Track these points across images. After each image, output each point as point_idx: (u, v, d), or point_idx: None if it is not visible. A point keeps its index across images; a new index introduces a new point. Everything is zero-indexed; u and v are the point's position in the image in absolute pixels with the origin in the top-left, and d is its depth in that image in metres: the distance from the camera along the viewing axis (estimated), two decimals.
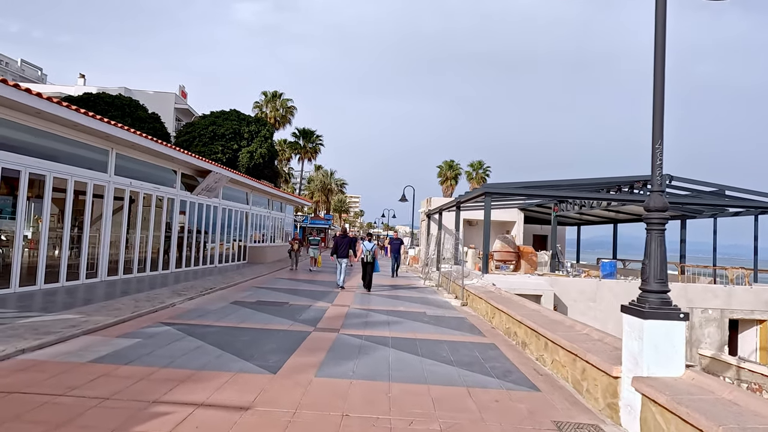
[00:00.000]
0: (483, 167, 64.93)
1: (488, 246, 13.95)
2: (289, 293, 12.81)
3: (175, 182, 15.72)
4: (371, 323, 9.12)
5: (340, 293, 13.33)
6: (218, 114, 35.74)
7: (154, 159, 14.22)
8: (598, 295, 13.48)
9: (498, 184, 13.50)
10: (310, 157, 59.99)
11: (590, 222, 27.13)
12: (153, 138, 12.80)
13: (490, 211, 13.78)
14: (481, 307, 10.84)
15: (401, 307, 11.44)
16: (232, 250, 21.14)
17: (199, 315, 8.92)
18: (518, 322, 7.74)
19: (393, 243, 21.98)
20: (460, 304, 12.37)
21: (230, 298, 11.21)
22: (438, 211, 22.84)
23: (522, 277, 13.83)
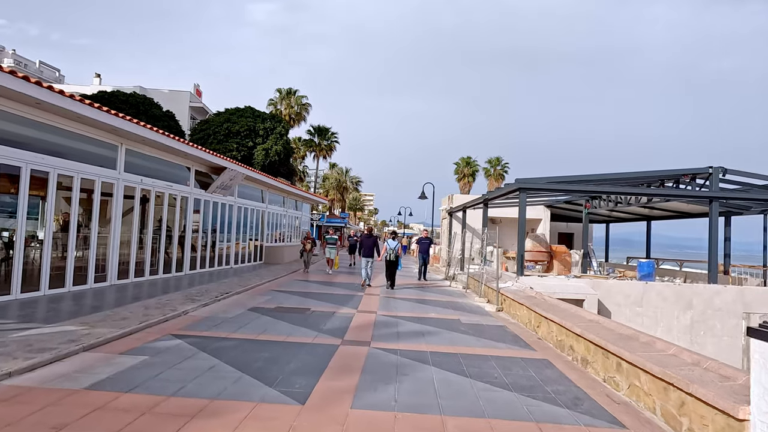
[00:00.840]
0: (501, 164, 63.54)
1: (523, 246, 12.91)
2: (310, 297, 11.94)
3: (188, 180, 14.95)
4: (404, 334, 8.18)
5: (364, 297, 12.43)
6: (233, 111, 35.12)
7: (166, 155, 13.46)
8: (644, 299, 12.37)
9: (533, 179, 12.48)
10: (325, 154, 59.24)
11: (621, 219, 25.84)
12: (165, 132, 12.01)
13: (525, 209, 12.73)
14: (521, 314, 9.83)
15: (432, 314, 10.49)
16: (248, 250, 20.37)
17: (213, 325, 8.06)
18: (576, 335, 6.74)
19: (422, 242, 18.83)
20: (495, 310, 11.38)
21: (247, 304, 10.36)
22: (462, 208, 21.80)
23: (560, 280, 12.77)
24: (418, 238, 19.27)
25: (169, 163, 13.80)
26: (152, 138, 11.57)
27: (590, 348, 6.33)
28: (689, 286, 12.63)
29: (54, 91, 8.36)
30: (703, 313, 12.18)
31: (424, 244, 18.56)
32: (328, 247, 18.51)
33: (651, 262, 18.13)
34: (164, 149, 12.92)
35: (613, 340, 5.83)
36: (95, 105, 9.46)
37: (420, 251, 18.49)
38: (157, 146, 12.51)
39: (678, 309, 12.21)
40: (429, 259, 18.69)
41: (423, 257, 18.27)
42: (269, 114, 35.84)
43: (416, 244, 18.94)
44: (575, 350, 6.84)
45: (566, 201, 21.81)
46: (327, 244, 18.60)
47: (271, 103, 51.97)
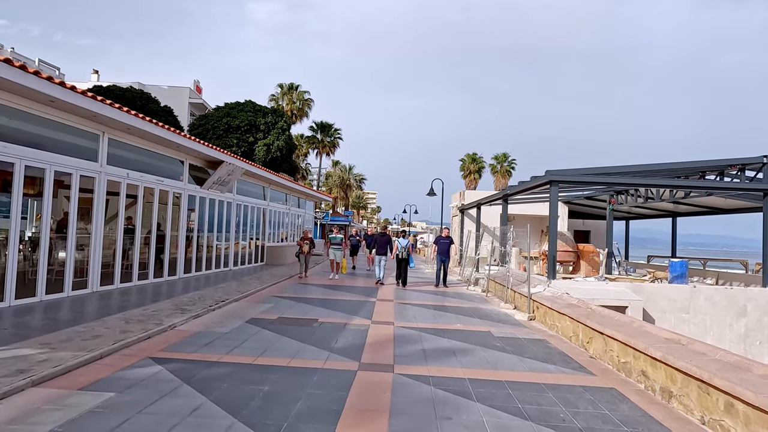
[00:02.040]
0: (508, 160, 62.23)
1: (555, 246, 11.56)
2: (317, 305, 10.62)
3: (182, 175, 13.63)
4: (431, 353, 6.85)
5: (377, 305, 11.10)
6: (233, 105, 33.80)
7: (156, 147, 12.14)
8: (692, 304, 11.03)
9: (565, 171, 11.14)
10: (328, 151, 57.95)
11: (642, 216, 24.46)
12: (153, 120, 10.69)
13: (557, 204, 11.40)
14: (562, 325, 8.49)
15: (458, 324, 9.15)
16: (249, 251, 19.05)
17: (204, 343, 6.74)
18: (654, 359, 5.39)
19: (440, 242, 15.40)
20: (526, 319, 10.04)
21: (246, 314, 9.04)
22: (476, 205, 20.47)
23: (598, 284, 11.43)
24: (437, 238, 15.90)
25: (160, 155, 12.48)
26: (138, 126, 10.24)
27: (675, 377, 4.99)
28: (742, 290, 11.27)
29: (14, 66, 7.04)
30: (759, 320, 10.82)
31: (443, 245, 15.35)
32: (332, 249, 15.78)
33: (684, 262, 16.74)
34: (153, 140, 11.60)
35: (715, 371, 4.49)
36: (67, 85, 8.14)
37: (438, 252, 15.35)
38: (145, 136, 11.20)
39: (730, 316, 10.87)
40: (449, 262, 15.63)
41: (442, 260, 15.28)
42: (270, 108, 34.53)
43: (433, 244, 16.00)
44: (650, 378, 5.49)
45: (587, 196, 20.45)
46: (331, 244, 15.92)
47: (272, 99, 50.63)
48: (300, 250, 15.52)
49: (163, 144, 12.12)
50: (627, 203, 18.34)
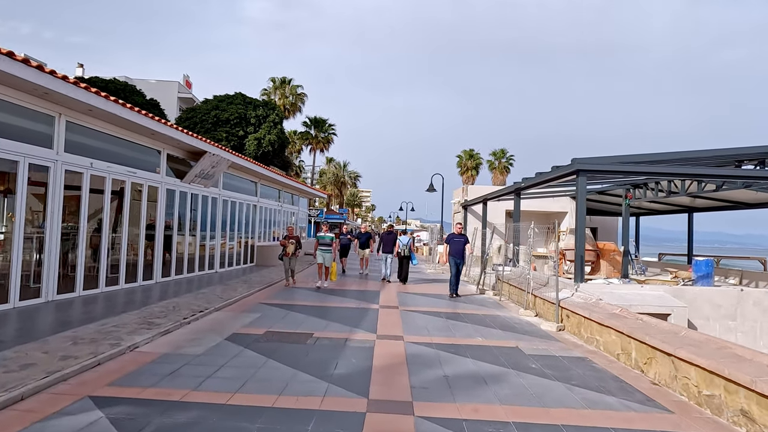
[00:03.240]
0: (506, 156, 60.94)
1: (582, 244, 10.18)
2: (312, 315, 9.18)
3: (158, 166, 12.13)
4: (457, 380, 5.43)
5: (381, 314, 9.67)
6: (222, 98, 32.21)
7: (126, 133, 10.64)
8: (739, 310, 9.71)
9: (594, 159, 9.75)
10: (322, 147, 56.34)
11: (656, 212, 23.18)
12: (120, 101, 9.19)
13: (584, 197, 10.02)
14: (605, 339, 7.10)
15: (478, 338, 7.75)
16: (237, 251, 17.55)
17: (168, 372, 5.29)
18: (764, 396, 4.02)
19: (453, 241, 12.67)
20: (555, 329, 8.65)
21: (227, 329, 7.58)
22: (482, 200, 19.10)
23: (632, 287, 10.07)
24: (448, 236, 13.14)
25: (132, 144, 10.98)
26: (101, 107, 8.74)
27: None
28: None
29: None
30: None
31: (457, 244, 12.53)
32: (320, 250, 13.00)
33: (710, 261, 15.41)
34: (122, 124, 10.10)
35: None
36: (3, 50, 6.64)
37: (451, 253, 12.50)
38: (112, 120, 9.70)
39: None
40: (463, 265, 12.93)
41: (456, 262, 12.45)
42: (261, 101, 32.95)
43: (445, 243, 13.01)
44: (758, 422, 4.11)
45: (599, 191, 19.12)
46: (320, 245, 13.15)
47: (264, 93, 48.93)
48: (284, 252, 12.69)
49: (135, 130, 10.62)
50: (645, 197, 17.02)
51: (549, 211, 22.31)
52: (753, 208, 18.19)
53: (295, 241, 12.76)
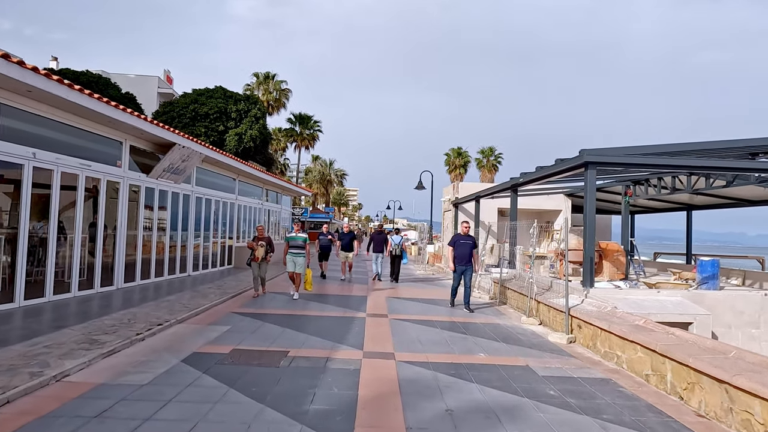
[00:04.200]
0: (494, 154, 60.30)
1: (593, 244, 9.21)
2: (288, 326, 8.04)
3: (120, 159, 10.87)
4: (463, 416, 4.36)
5: (368, 323, 8.58)
6: (201, 91, 30.79)
7: (80, 121, 9.39)
8: (762, 317, 8.81)
9: (605, 150, 8.77)
10: (307, 144, 55.04)
11: (653, 210, 22.41)
12: (66, 82, 7.94)
13: (594, 191, 9.03)
14: (629, 356, 6.10)
15: (480, 354, 6.70)
16: (213, 252, 16.30)
17: (96, 413, 4.13)
18: None
19: (460, 244, 10.44)
20: (565, 342, 7.64)
21: (186, 347, 6.41)
22: (474, 198, 18.10)
23: (647, 293, 9.11)
24: (454, 238, 10.79)
25: (87, 133, 9.72)
26: (43, 88, 7.50)
27: None
28: None
29: None
30: None
31: (464, 247, 10.31)
32: (291, 255, 10.87)
33: (715, 261, 14.54)
34: (72, 110, 8.85)
35: None
36: None
37: (457, 258, 10.38)
38: (59, 104, 8.44)
39: None
40: (472, 273, 10.55)
41: (462, 270, 10.37)
42: (243, 95, 31.61)
43: (449, 246, 10.93)
44: None
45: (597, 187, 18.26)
46: (289, 248, 10.92)
47: (247, 89, 47.45)
48: (252, 256, 10.79)
49: (89, 117, 9.37)
50: (647, 194, 16.16)
51: (542, 209, 21.39)
52: (756, 205, 17.48)
53: (266, 243, 10.78)
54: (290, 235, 11.15)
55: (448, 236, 24.04)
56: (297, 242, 10.93)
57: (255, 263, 10.82)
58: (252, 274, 11.11)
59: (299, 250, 10.89)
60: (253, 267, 10.91)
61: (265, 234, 11.18)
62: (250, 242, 11.06)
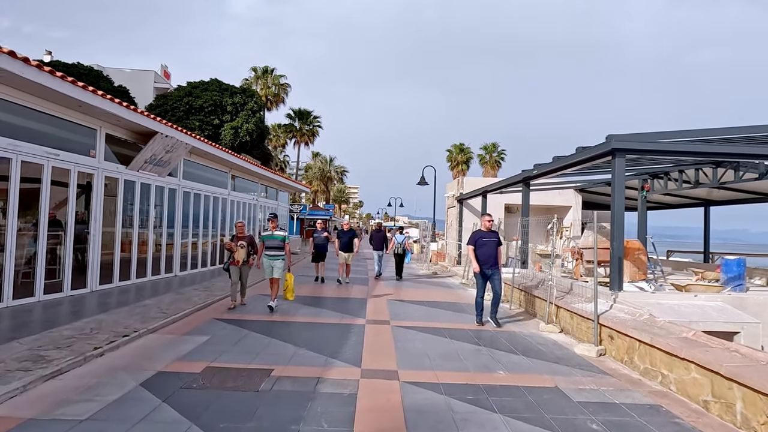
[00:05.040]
0: (498, 150, 59.20)
1: (621, 242, 8.17)
2: (276, 336, 7.05)
3: (94, 148, 9.86)
4: None
5: (367, 330, 7.58)
6: (196, 84, 29.77)
7: (44, 104, 8.38)
8: None
9: (635, 136, 7.74)
10: (307, 140, 53.99)
11: (667, 206, 21.35)
12: (23, 57, 6.93)
13: (623, 183, 7.99)
14: (680, 376, 5.09)
15: (499, 371, 5.69)
16: (203, 250, 15.29)
17: None
18: None
19: (483, 242, 8.52)
20: (595, 354, 6.64)
21: (151, 364, 5.41)
22: (481, 193, 17.07)
23: (682, 297, 8.09)
24: (474, 235, 8.76)
25: (54, 119, 8.71)
26: None
27: None
28: None
29: None
30: None
31: (488, 246, 8.45)
32: (266, 257, 9.14)
33: (741, 261, 13.48)
34: (34, 91, 7.83)
35: None
36: None
37: (480, 260, 8.43)
38: (17, 84, 7.43)
39: None
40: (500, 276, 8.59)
41: (487, 275, 8.46)
42: (239, 88, 30.57)
43: (470, 246, 8.68)
44: None
45: (607, 182, 17.20)
46: (265, 249, 9.18)
47: (245, 84, 46.33)
48: (230, 259, 9.12)
49: (55, 100, 8.36)
50: (666, 188, 15.12)
51: (550, 205, 20.33)
52: None
53: (247, 243, 9.14)
54: (265, 233, 9.26)
55: (452, 234, 22.99)
56: (274, 242, 9.09)
57: (234, 267, 9.08)
58: (231, 280, 9.26)
59: (277, 252, 9.11)
60: (232, 272, 9.13)
61: (246, 232, 9.56)
62: (228, 242, 9.26)
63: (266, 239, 9.15)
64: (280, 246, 9.11)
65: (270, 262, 9.11)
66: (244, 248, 9.07)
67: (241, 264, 9.09)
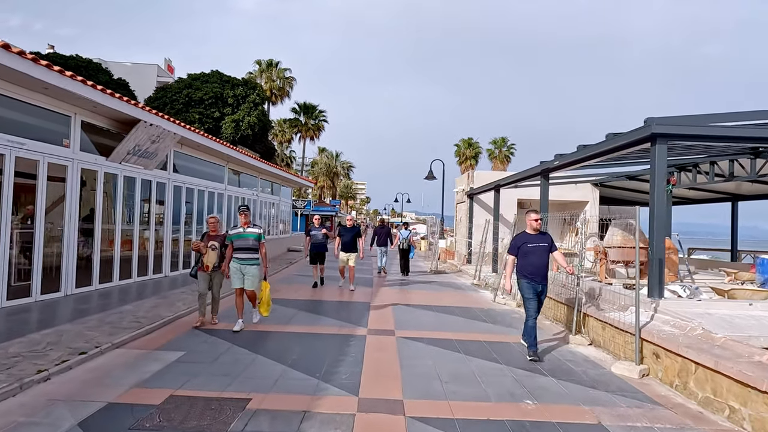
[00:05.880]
0: (507, 144, 57.95)
1: (662, 241, 7.08)
2: (264, 351, 6.08)
3: (67, 137, 8.92)
4: None
5: (368, 345, 6.58)
6: (196, 76, 28.86)
7: (7, 87, 7.44)
8: None
9: (679, 119, 6.67)
10: (312, 135, 53.06)
11: (689, 200, 20.15)
12: None
13: (664, 175, 6.92)
14: (754, 411, 4.05)
15: (527, 402, 4.67)
16: None
17: None
18: None
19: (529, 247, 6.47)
20: (637, 375, 5.60)
21: (102, 392, 4.43)
22: (494, 187, 16.01)
23: (733, 306, 6.99)
24: (519, 239, 6.66)
25: (19, 104, 7.78)
26: None
27: None
28: None
29: None
30: None
31: (538, 252, 6.47)
32: (236, 263, 7.16)
33: None
34: None
35: None
36: None
37: (528, 272, 6.45)
38: None
39: None
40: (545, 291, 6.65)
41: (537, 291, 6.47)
42: (241, 80, 29.61)
43: (511, 254, 6.65)
44: None
45: (630, 175, 16.06)
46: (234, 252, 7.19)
47: (249, 77, 45.45)
48: (199, 263, 7.32)
49: (18, 82, 7.42)
50: (695, 182, 13.96)
51: (566, 200, 19.20)
52: None
53: (219, 245, 7.24)
54: (234, 231, 7.21)
55: (461, 230, 21.88)
56: (245, 242, 7.10)
57: (203, 274, 7.22)
58: (198, 291, 7.31)
59: (249, 255, 7.10)
60: (200, 280, 7.22)
61: (220, 230, 7.70)
62: (195, 242, 7.45)
63: (236, 239, 7.13)
64: (253, 247, 7.14)
65: (241, 268, 7.08)
66: (215, 251, 7.20)
67: (212, 270, 7.21)
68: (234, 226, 7.34)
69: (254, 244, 7.17)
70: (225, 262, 7.20)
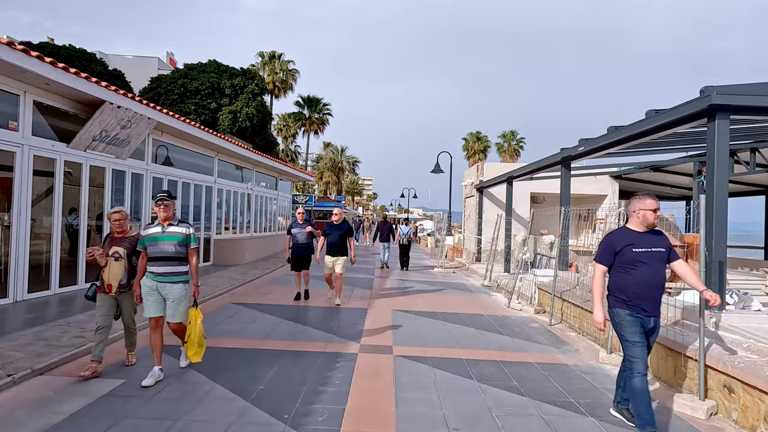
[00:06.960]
0: (516, 138, 56.39)
1: (723, 240, 5.73)
2: (221, 380, 4.85)
3: (15, 118, 7.73)
4: None
5: (358, 368, 5.32)
6: (193, 66, 27.70)
7: None
8: None
9: (745, 87, 5.36)
10: (317, 129, 51.86)
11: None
12: None
13: (726, 156, 5.60)
14: None
15: None
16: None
17: None
18: None
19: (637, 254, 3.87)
20: (703, 414, 4.31)
21: None
22: (506, 179, 14.68)
23: None
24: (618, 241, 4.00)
25: None
26: None
27: None
28: None
29: None
30: None
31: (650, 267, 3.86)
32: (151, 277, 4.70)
33: None
34: None
35: None
36: None
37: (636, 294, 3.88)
38: None
39: None
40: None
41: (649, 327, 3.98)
42: (239, 69, 28.42)
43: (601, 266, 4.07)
44: None
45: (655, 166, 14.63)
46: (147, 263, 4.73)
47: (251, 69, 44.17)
48: (97, 281, 4.92)
49: None
50: (732, 172, 12.53)
51: (582, 194, 17.76)
52: None
53: (126, 252, 4.84)
54: (149, 231, 4.77)
55: (470, 226, 20.52)
56: (165, 247, 4.68)
57: (104, 297, 4.87)
58: (97, 321, 4.88)
59: (171, 267, 4.70)
60: (99, 305, 4.89)
61: (130, 230, 5.03)
62: (92, 249, 4.82)
63: (149, 242, 4.71)
64: (177, 256, 4.73)
65: (158, 287, 4.69)
66: (120, 261, 4.81)
67: (118, 291, 4.83)
68: (149, 224, 4.86)
69: (178, 251, 4.72)
70: (136, 278, 4.83)
